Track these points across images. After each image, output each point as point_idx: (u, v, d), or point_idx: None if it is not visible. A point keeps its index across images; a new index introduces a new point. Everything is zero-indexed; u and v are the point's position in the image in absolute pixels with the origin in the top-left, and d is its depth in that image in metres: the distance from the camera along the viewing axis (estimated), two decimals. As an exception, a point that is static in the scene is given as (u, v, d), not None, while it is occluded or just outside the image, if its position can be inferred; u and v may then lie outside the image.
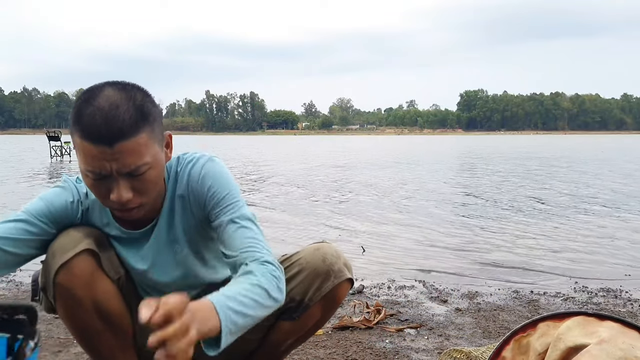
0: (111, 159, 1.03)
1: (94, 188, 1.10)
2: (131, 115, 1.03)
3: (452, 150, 30.38)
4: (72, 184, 1.25)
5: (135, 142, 1.04)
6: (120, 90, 1.06)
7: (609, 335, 1.03)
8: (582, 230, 5.10)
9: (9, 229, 1.15)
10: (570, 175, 12.17)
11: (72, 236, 1.19)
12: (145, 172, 1.08)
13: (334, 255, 1.34)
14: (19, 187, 9.33)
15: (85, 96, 1.06)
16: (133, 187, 1.08)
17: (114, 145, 1.02)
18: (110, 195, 1.08)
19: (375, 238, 4.76)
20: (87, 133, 1.02)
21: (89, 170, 1.06)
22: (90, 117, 1.02)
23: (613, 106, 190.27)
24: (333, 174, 12.59)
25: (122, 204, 1.09)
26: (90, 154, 1.03)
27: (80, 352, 2.01)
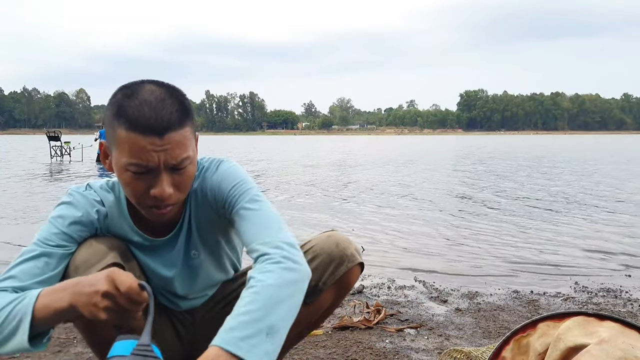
0: (160, 149, 1.02)
1: (133, 184, 1.06)
2: (177, 108, 1.04)
3: (452, 151, 30.38)
4: (81, 196, 1.19)
5: (182, 134, 1.04)
6: (160, 86, 1.07)
7: (609, 335, 1.03)
8: (581, 230, 5.10)
9: (29, 270, 1.08)
10: (570, 175, 12.17)
11: (96, 249, 1.15)
12: (186, 167, 1.08)
13: (346, 240, 1.38)
14: (19, 187, 9.33)
15: (126, 92, 1.05)
16: (174, 182, 1.07)
17: (164, 135, 1.01)
18: (150, 190, 1.06)
19: (375, 238, 4.76)
20: (136, 124, 1.00)
21: (133, 163, 1.03)
22: (138, 109, 1.01)
23: (613, 106, 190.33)
24: (333, 174, 12.59)
25: (163, 199, 1.07)
26: (138, 145, 1.01)
27: (80, 352, 2.01)
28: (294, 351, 2.03)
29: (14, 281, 1.06)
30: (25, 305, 0.97)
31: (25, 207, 6.72)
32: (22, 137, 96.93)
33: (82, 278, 0.96)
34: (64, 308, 0.95)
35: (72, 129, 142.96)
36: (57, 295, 0.96)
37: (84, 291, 0.93)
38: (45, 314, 0.96)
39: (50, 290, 0.98)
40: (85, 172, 13.25)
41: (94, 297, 0.91)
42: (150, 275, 1.29)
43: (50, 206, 6.89)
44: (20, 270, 1.08)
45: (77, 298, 0.93)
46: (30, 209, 6.56)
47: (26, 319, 0.95)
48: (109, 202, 1.21)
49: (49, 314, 0.96)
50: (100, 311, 0.91)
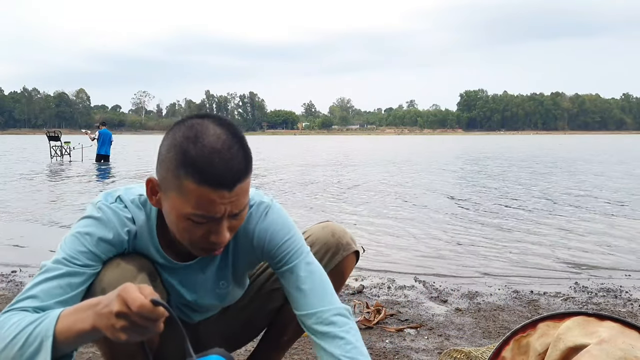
0: (228, 202, 0.99)
1: (191, 231, 1.03)
2: (243, 155, 1.00)
3: (451, 151, 30.38)
4: (112, 212, 1.13)
5: (247, 181, 1.02)
6: (222, 126, 1.01)
7: (609, 335, 1.03)
8: (581, 230, 5.10)
9: (52, 290, 1.03)
10: (570, 175, 12.17)
11: (124, 270, 1.11)
12: (245, 211, 1.07)
13: (341, 230, 1.41)
14: (19, 187, 9.33)
15: (188, 134, 0.99)
16: (230, 226, 1.05)
17: (234, 188, 0.98)
18: (210, 237, 1.04)
19: (375, 238, 4.76)
20: (207, 178, 0.96)
21: (198, 215, 1.00)
22: (208, 161, 0.96)
23: (613, 106, 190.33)
24: (333, 173, 12.60)
25: (221, 244, 1.06)
26: (207, 199, 0.98)
27: (80, 352, 2.01)
28: (294, 351, 2.03)
29: (35, 301, 1.01)
30: (46, 326, 0.93)
31: (26, 207, 6.72)
32: (22, 137, 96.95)
33: (100, 297, 0.92)
34: (86, 330, 0.91)
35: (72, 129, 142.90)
36: (79, 316, 0.92)
37: (103, 312, 0.89)
38: (67, 335, 0.92)
39: (71, 311, 0.94)
40: (85, 172, 13.25)
41: (110, 318, 0.87)
42: (172, 293, 1.27)
43: (51, 206, 6.93)
44: (42, 290, 1.03)
45: (98, 319, 0.89)
46: (30, 209, 6.56)
47: (47, 341, 0.91)
48: (140, 220, 1.16)
49: (71, 336, 0.92)
50: (118, 332, 0.87)
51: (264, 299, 1.44)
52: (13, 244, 4.48)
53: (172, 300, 1.29)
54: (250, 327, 1.48)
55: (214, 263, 1.24)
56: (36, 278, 1.05)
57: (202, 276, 1.25)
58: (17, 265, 3.54)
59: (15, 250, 4.23)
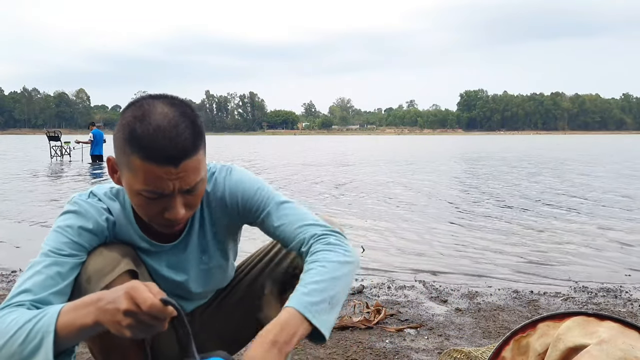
0: (175, 178, 1.02)
1: (146, 207, 1.07)
2: (191, 132, 1.03)
3: (451, 151, 30.38)
4: (88, 204, 1.17)
5: (197, 158, 1.04)
6: (172, 105, 1.04)
7: (609, 335, 1.03)
8: (581, 230, 5.09)
9: (43, 282, 1.05)
10: (570, 175, 12.17)
11: (107, 257, 1.14)
12: (199, 188, 1.09)
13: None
14: (19, 187, 9.33)
15: (136, 113, 1.02)
16: (186, 202, 1.08)
17: (180, 164, 1.01)
18: (164, 213, 1.07)
19: (375, 238, 4.76)
20: (152, 154, 0.99)
21: (147, 190, 1.03)
22: (152, 137, 0.99)
23: (613, 106, 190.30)
24: (333, 173, 12.59)
25: (177, 221, 1.08)
26: (154, 175, 1.01)
27: (80, 352, 2.01)
28: (294, 351, 2.03)
29: (30, 294, 1.03)
30: (47, 322, 0.94)
31: (26, 207, 6.71)
32: (22, 137, 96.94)
33: (103, 293, 0.93)
34: (89, 325, 0.92)
35: (72, 129, 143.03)
36: (80, 312, 0.93)
37: (107, 308, 0.90)
38: (69, 331, 0.93)
39: (72, 307, 0.95)
40: (85, 172, 13.25)
41: (116, 315, 0.89)
42: (159, 280, 1.28)
43: (51, 205, 6.93)
44: (34, 283, 1.05)
45: (101, 315, 0.91)
46: (30, 209, 6.56)
47: (49, 336, 0.92)
48: (115, 210, 1.20)
49: (73, 331, 0.93)
50: (124, 329, 0.89)
51: (257, 293, 1.44)
52: (13, 244, 4.48)
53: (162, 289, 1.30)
54: (246, 324, 1.47)
55: (193, 238, 1.26)
56: (26, 273, 1.07)
57: (184, 255, 1.27)
58: (17, 265, 3.55)
59: (15, 250, 4.23)
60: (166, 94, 1.09)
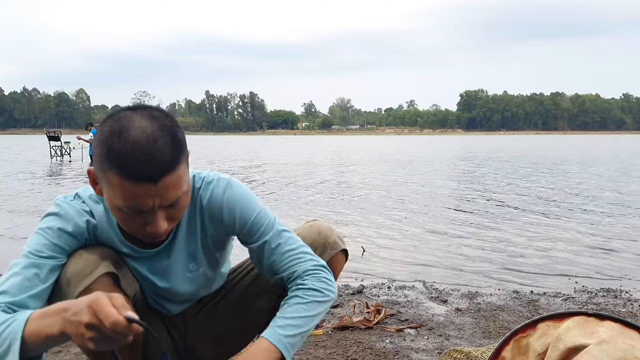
0: (154, 194, 1.00)
1: (127, 222, 1.06)
2: (170, 147, 1.00)
3: (451, 151, 30.38)
4: (69, 206, 1.16)
5: (177, 174, 1.02)
6: (151, 118, 1.01)
7: (609, 335, 1.03)
8: (581, 230, 5.10)
9: (20, 284, 1.05)
10: (570, 175, 12.18)
11: (87, 259, 1.13)
12: (181, 201, 1.07)
13: (328, 229, 1.41)
14: (19, 187, 9.32)
15: (114, 128, 0.99)
16: (168, 215, 1.06)
17: (159, 181, 0.99)
18: (146, 227, 1.05)
19: (375, 238, 4.76)
20: (129, 172, 0.97)
21: (127, 207, 1.01)
22: (129, 154, 0.96)
23: (613, 106, 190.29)
24: (333, 173, 12.59)
25: (158, 234, 1.07)
26: (132, 192, 0.99)
27: (80, 352, 2.01)
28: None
29: (6, 297, 1.03)
30: (15, 329, 0.93)
31: (25, 208, 6.71)
32: (22, 137, 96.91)
33: (70, 303, 0.92)
34: (54, 335, 0.91)
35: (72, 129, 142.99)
36: (47, 321, 0.92)
37: (71, 320, 0.89)
38: (35, 339, 0.93)
39: (40, 315, 0.94)
40: (85, 172, 13.25)
41: (79, 328, 0.87)
42: (143, 282, 1.28)
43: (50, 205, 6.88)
44: (11, 285, 1.04)
45: (66, 326, 0.89)
46: (30, 210, 6.56)
47: (15, 343, 0.92)
48: (98, 213, 1.18)
49: (39, 339, 0.93)
50: (86, 341, 0.88)
51: (252, 298, 1.43)
52: (13, 244, 4.48)
53: (145, 289, 1.30)
54: (242, 325, 1.46)
55: (180, 246, 1.25)
56: (5, 274, 1.07)
57: (169, 261, 1.26)
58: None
59: (15, 251, 4.23)
60: (146, 105, 1.06)
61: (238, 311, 1.43)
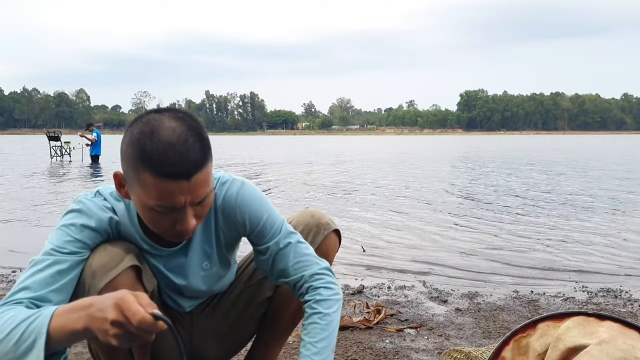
0: (187, 192, 1.03)
1: (157, 220, 1.08)
2: (199, 146, 1.04)
3: (451, 151, 30.38)
4: (92, 203, 1.18)
5: (206, 171, 1.06)
6: (178, 119, 1.05)
7: (609, 335, 1.03)
8: (581, 230, 5.10)
9: (43, 280, 1.06)
10: (570, 176, 12.18)
11: (112, 252, 1.15)
12: (209, 198, 1.11)
13: (320, 212, 1.47)
14: (19, 187, 9.33)
15: (144, 129, 1.02)
16: (196, 213, 1.09)
17: (191, 178, 1.02)
18: (176, 225, 1.08)
19: (375, 238, 4.76)
20: (164, 171, 1.00)
21: (160, 205, 1.04)
22: (163, 154, 1.00)
23: (613, 106, 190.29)
24: (332, 173, 12.59)
25: (188, 231, 1.09)
26: (167, 190, 1.02)
27: (80, 352, 2.02)
28: (294, 351, 2.03)
29: (29, 292, 1.04)
30: (40, 324, 0.94)
31: (25, 208, 6.71)
32: (22, 137, 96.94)
33: (95, 299, 0.94)
34: (79, 330, 0.93)
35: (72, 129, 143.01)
36: (72, 316, 0.93)
37: (96, 316, 0.91)
38: (60, 334, 0.94)
39: (65, 310, 0.95)
40: (85, 172, 13.25)
41: (104, 324, 0.89)
42: (161, 279, 1.30)
43: (50, 206, 6.92)
44: (34, 281, 1.05)
45: (91, 322, 0.91)
46: (30, 210, 6.56)
47: (41, 338, 0.93)
48: (120, 210, 1.21)
49: (64, 335, 0.94)
50: (110, 338, 0.90)
51: (253, 290, 1.47)
52: (13, 245, 4.48)
53: (161, 285, 1.32)
54: (242, 323, 1.48)
55: (196, 245, 1.28)
56: (27, 271, 1.08)
57: (185, 259, 1.28)
58: (17, 265, 3.55)
59: (15, 250, 4.23)
60: (170, 107, 1.10)
61: (240, 305, 1.46)
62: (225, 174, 1.29)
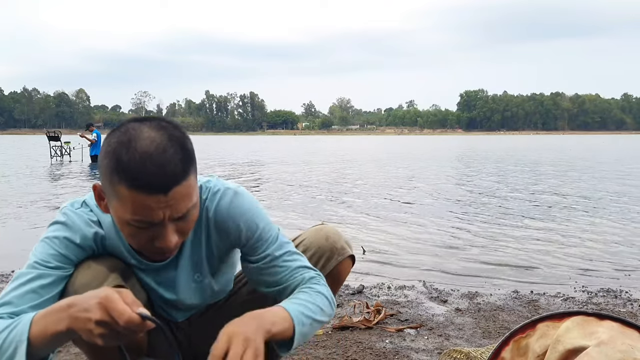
0: (165, 206, 0.97)
1: (136, 237, 1.03)
2: (180, 158, 0.98)
3: (452, 151, 30.38)
4: (77, 216, 1.14)
5: (187, 185, 1.00)
6: (159, 129, 1.00)
7: (608, 336, 1.03)
8: (581, 230, 5.10)
9: (25, 295, 1.04)
10: (570, 176, 12.17)
11: (95, 271, 1.12)
12: (191, 214, 1.05)
13: (336, 234, 1.40)
14: (19, 187, 9.33)
15: (122, 139, 0.97)
16: (177, 229, 1.04)
17: (169, 192, 0.96)
18: (155, 242, 1.03)
19: (375, 238, 4.75)
20: (140, 183, 0.94)
21: (136, 220, 0.98)
22: (139, 165, 0.94)
23: (613, 106, 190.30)
24: (332, 173, 12.59)
25: (168, 249, 1.04)
26: (142, 204, 0.96)
27: (80, 352, 2.01)
28: (294, 351, 2.03)
29: (10, 307, 1.02)
30: (20, 331, 0.92)
31: (25, 208, 6.71)
32: (22, 137, 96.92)
33: (75, 299, 0.91)
34: (61, 331, 0.90)
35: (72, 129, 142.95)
36: (53, 318, 0.91)
37: (79, 316, 0.88)
38: (42, 338, 0.92)
39: (44, 314, 0.93)
40: (85, 172, 13.25)
41: (88, 324, 0.87)
42: (151, 293, 1.27)
43: (50, 205, 6.92)
44: (16, 296, 1.03)
45: (73, 322, 0.89)
46: (29, 210, 6.56)
47: (22, 346, 0.91)
48: (106, 223, 1.16)
49: (46, 338, 0.92)
50: (96, 338, 0.87)
51: (257, 301, 1.40)
52: (13, 245, 4.48)
53: (152, 298, 1.29)
54: None
55: (186, 257, 1.24)
56: (10, 285, 1.06)
57: (175, 273, 1.25)
58: (16, 266, 3.54)
59: (15, 250, 4.23)
60: (153, 117, 1.05)
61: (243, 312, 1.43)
62: (218, 182, 1.23)
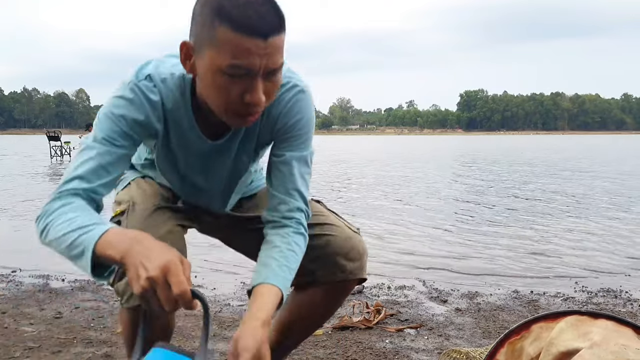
0: (263, 53, 0.99)
1: (227, 88, 1.02)
2: (278, 13, 1.02)
3: (451, 151, 30.36)
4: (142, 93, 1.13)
5: (281, 38, 1.02)
6: None
7: (602, 337, 1.03)
8: (581, 230, 5.10)
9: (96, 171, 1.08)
10: (570, 176, 12.18)
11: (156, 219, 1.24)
12: (279, 74, 1.06)
13: (360, 252, 1.42)
14: (19, 187, 9.33)
15: None
16: (265, 89, 1.04)
17: (268, 38, 0.99)
18: (245, 95, 1.02)
19: (375, 238, 4.76)
20: (242, 25, 0.97)
21: (235, 64, 0.99)
22: (242, 9, 0.97)
23: (613, 106, 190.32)
24: (332, 172, 12.59)
25: (256, 104, 1.04)
26: (242, 47, 0.98)
27: (80, 352, 2.02)
28: (294, 351, 2.04)
29: (83, 182, 1.06)
30: (89, 239, 0.96)
31: (25, 208, 6.72)
32: (22, 137, 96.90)
33: (145, 240, 0.94)
34: (114, 258, 0.93)
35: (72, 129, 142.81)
36: (115, 242, 0.94)
37: (135, 262, 0.90)
38: (102, 254, 0.95)
39: (112, 233, 0.96)
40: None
41: (140, 270, 0.88)
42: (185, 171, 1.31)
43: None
44: (88, 171, 1.07)
45: (128, 259, 0.91)
46: (29, 210, 6.56)
47: (88, 252, 0.95)
48: (174, 97, 1.16)
49: (104, 257, 0.95)
50: (137, 286, 0.88)
51: None
52: (13, 245, 4.48)
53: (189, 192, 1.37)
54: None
55: (235, 142, 1.25)
56: (80, 156, 1.10)
57: (227, 154, 1.27)
58: (16, 265, 3.56)
59: (15, 250, 4.23)
60: None
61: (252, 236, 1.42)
62: (286, 74, 1.21)
